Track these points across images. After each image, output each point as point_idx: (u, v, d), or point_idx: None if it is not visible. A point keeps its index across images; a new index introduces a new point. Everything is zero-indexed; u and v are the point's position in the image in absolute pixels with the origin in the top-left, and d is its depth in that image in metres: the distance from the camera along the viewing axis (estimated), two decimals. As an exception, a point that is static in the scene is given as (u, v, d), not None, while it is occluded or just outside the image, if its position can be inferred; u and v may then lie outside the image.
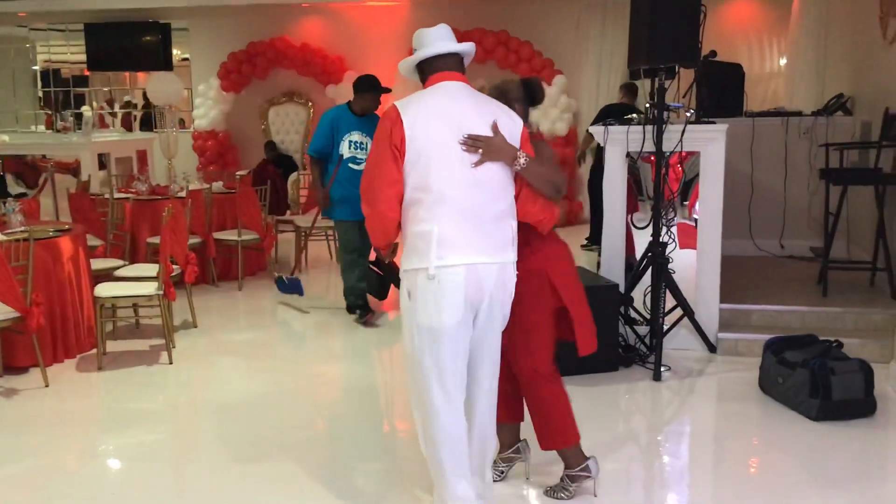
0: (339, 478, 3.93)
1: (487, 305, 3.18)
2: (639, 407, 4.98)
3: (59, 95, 15.86)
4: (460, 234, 3.08)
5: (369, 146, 6.00)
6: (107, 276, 6.20)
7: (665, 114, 5.44)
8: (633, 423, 4.77)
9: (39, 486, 3.92)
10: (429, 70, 3.29)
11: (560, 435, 3.57)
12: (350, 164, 6.29)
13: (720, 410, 4.98)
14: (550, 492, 3.66)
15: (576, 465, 3.61)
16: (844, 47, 8.15)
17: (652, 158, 5.55)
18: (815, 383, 4.47)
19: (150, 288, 5.61)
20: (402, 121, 3.07)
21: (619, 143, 5.65)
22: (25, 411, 4.87)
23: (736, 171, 7.36)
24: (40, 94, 15.97)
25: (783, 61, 10.68)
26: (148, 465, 4.13)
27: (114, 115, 15.37)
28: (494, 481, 3.61)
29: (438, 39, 3.28)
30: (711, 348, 5.65)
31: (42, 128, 14.74)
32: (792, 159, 7.41)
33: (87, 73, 14.29)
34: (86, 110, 16.02)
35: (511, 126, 3.25)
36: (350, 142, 6.30)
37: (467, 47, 3.35)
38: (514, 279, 3.27)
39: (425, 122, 3.09)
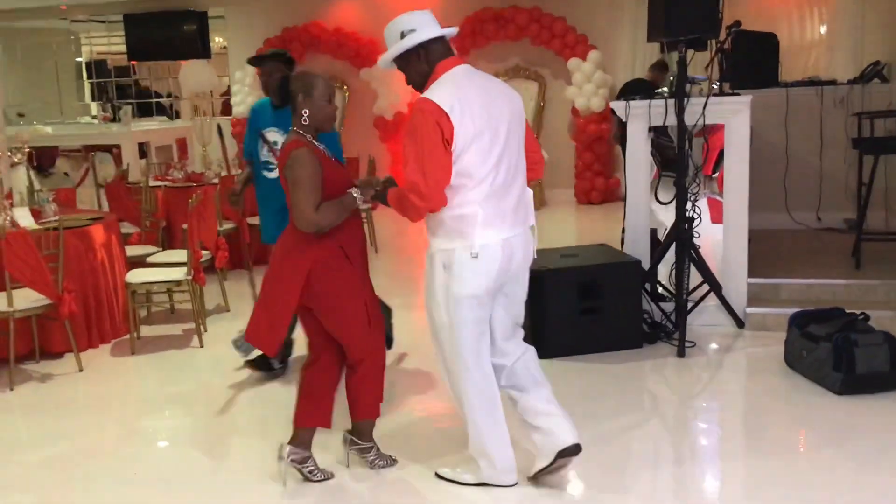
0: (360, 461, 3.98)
1: (516, 268, 3.44)
2: (662, 384, 4.94)
3: (107, 86, 16.19)
4: (497, 213, 3.29)
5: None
6: (141, 262, 6.34)
7: (688, 86, 5.36)
8: (657, 400, 4.74)
9: (74, 469, 4.04)
10: (434, 57, 3.34)
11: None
12: (263, 172, 4.86)
13: (744, 386, 4.93)
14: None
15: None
16: (883, 14, 7.93)
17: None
18: (838, 357, 4.39)
19: (179, 273, 5.72)
20: (447, 114, 3.16)
21: (642, 117, 5.59)
22: (60, 395, 5.03)
23: (770, 143, 7.23)
24: (87, 85, 16.32)
25: (823, 29, 10.42)
26: (181, 447, 4.25)
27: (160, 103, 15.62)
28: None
29: (431, 23, 3.33)
30: (739, 324, 5.58)
31: (88, 119, 15.03)
32: (827, 130, 7.25)
33: (133, 63, 14.56)
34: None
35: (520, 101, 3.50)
36: (264, 142, 4.83)
37: (455, 31, 3.48)
38: (535, 240, 3.57)
39: (469, 113, 3.21)
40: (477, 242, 3.26)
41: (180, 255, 6.24)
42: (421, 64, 3.34)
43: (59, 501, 3.79)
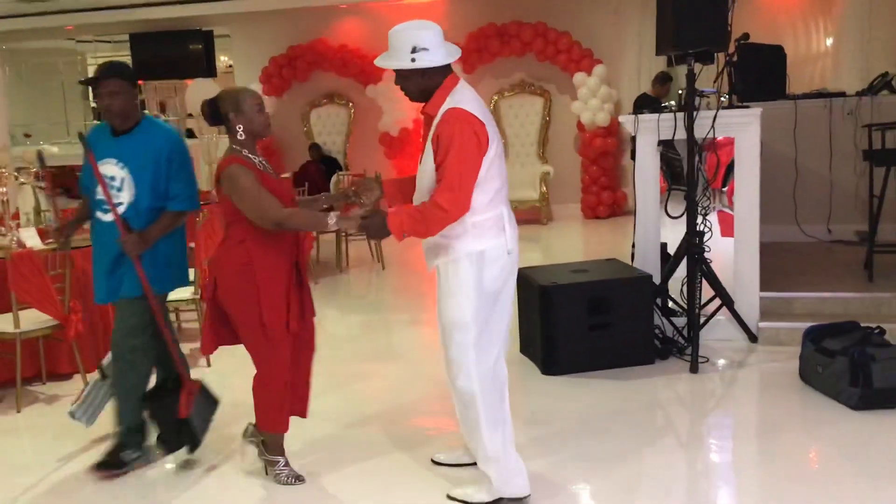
0: (371, 476, 3.94)
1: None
2: (675, 400, 4.87)
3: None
4: (511, 214, 3.51)
5: (128, 183, 3.92)
6: (147, 281, 6.29)
7: (697, 100, 5.33)
8: (670, 417, 4.67)
9: (78, 494, 3.99)
10: (436, 76, 3.41)
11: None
12: (97, 212, 4.02)
13: (759, 401, 4.87)
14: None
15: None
16: (890, 25, 7.90)
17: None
18: (854, 371, 4.33)
19: (186, 292, 5.68)
20: (482, 123, 3.31)
21: (651, 131, 5.55)
22: (67, 418, 4.96)
23: (778, 156, 7.19)
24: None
25: (829, 42, 10.40)
26: (186, 469, 4.19)
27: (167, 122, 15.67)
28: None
29: (442, 45, 3.38)
30: (752, 338, 5.53)
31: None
32: (836, 141, 7.21)
33: (140, 82, 14.57)
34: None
35: None
36: (98, 177, 3.93)
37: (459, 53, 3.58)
38: None
39: (490, 122, 3.39)
40: (510, 239, 3.43)
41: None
42: (423, 81, 3.39)
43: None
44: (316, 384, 5.23)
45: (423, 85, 3.39)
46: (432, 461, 3.99)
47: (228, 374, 5.52)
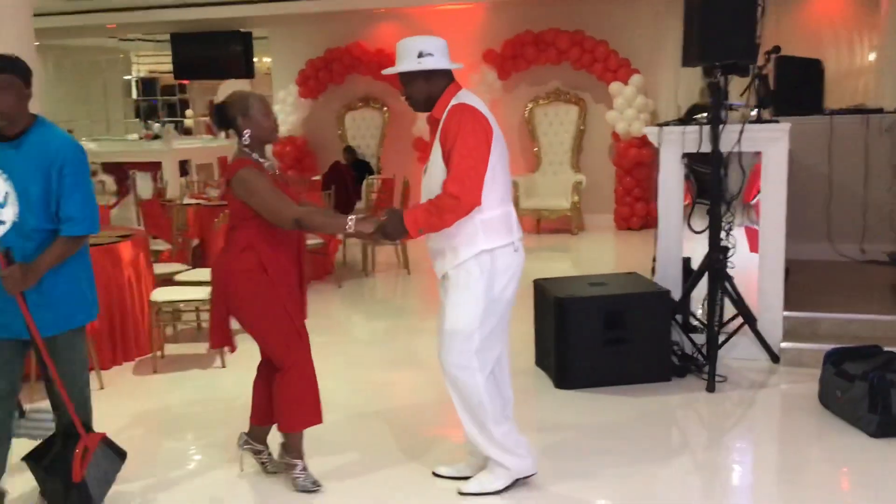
0: (379, 483, 3.90)
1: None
2: (690, 420, 4.76)
3: (156, 104, 16.46)
4: (514, 215, 3.58)
5: (12, 199, 3.32)
6: (169, 280, 6.34)
7: (724, 113, 5.22)
8: (685, 436, 4.57)
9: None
10: (439, 83, 3.53)
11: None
12: None
13: (776, 424, 4.74)
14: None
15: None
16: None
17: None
18: (873, 397, 4.19)
19: (203, 293, 5.70)
20: (488, 119, 3.43)
21: (675, 143, 5.45)
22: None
23: (812, 171, 7.04)
24: (136, 103, 16.62)
25: (872, 56, 10.16)
26: (194, 469, 4.20)
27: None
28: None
29: (446, 54, 3.54)
30: (774, 358, 5.39)
31: (135, 136, 15.29)
32: (872, 159, 7.03)
33: (185, 82, 14.77)
34: (189, 114, 16.61)
35: None
36: None
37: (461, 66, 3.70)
38: None
39: (494, 123, 3.49)
40: (516, 237, 3.51)
41: (207, 273, 6.21)
42: (427, 86, 3.51)
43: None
44: (336, 387, 5.23)
45: (428, 91, 3.51)
46: (433, 474, 3.94)
47: (244, 373, 5.54)
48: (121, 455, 3.68)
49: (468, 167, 3.33)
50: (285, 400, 3.75)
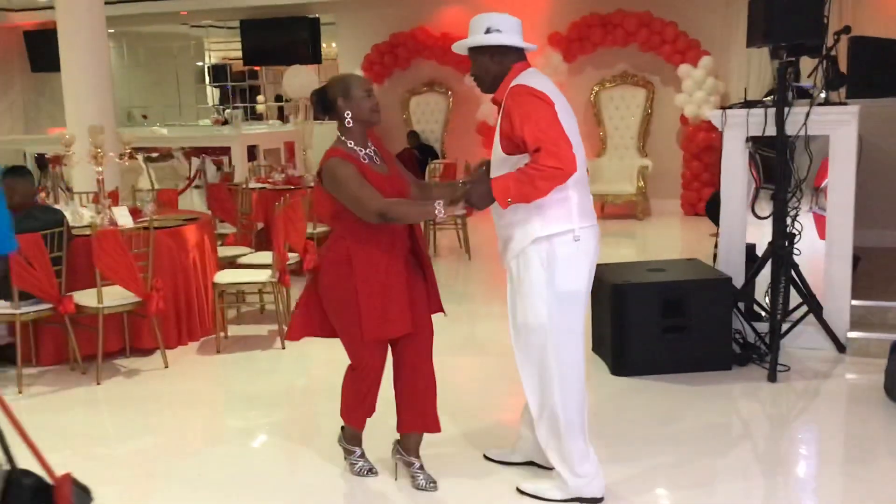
0: (447, 463, 3.86)
1: (596, 262, 3.45)
2: (748, 409, 4.67)
3: (229, 90, 16.74)
4: (586, 199, 3.37)
5: None
6: (232, 263, 6.46)
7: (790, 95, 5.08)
8: (746, 426, 4.48)
9: (154, 465, 4.11)
10: (508, 63, 3.37)
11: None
12: None
13: (838, 415, 4.61)
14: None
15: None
16: None
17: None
18: (941, 390, 4.05)
19: (265, 275, 5.79)
20: (551, 98, 3.23)
21: (739, 126, 5.32)
22: (143, 391, 5.15)
23: (885, 155, 6.80)
24: (209, 89, 16.91)
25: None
26: (256, 447, 4.28)
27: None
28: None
29: (517, 32, 3.39)
30: (840, 348, 5.24)
31: (207, 122, 15.57)
32: (953, 142, 6.76)
33: (257, 68, 14.94)
34: (260, 100, 16.86)
35: None
36: None
37: (534, 48, 3.54)
38: None
39: (560, 102, 3.29)
40: (577, 226, 3.28)
41: (270, 256, 6.31)
42: (493, 64, 3.37)
43: (140, 495, 3.87)
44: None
45: (494, 70, 3.37)
46: (484, 457, 3.94)
47: (304, 355, 5.63)
48: (87, 492, 2.96)
49: (554, 137, 3.12)
50: (344, 392, 3.73)
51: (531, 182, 3.13)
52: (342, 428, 3.85)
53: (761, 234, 5.70)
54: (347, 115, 3.45)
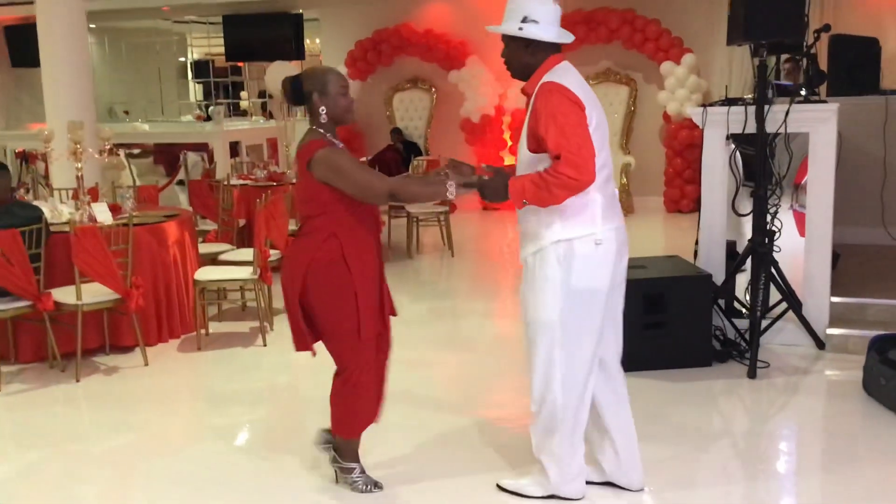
0: (428, 461, 3.92)
1: (623, 264, 3.41)
2: (729, 406, 4.69)
3: (212, 86, 16.65)
4: (611, 199, 3.30)
5: None
6: (213, 260, 6.43)
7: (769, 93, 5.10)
8: (725, 422, 4.50)
9: (134, 463, 4.09)
10: (542, 54, 3.28)
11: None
12: None
13: (817, 412, 4.63)
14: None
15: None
16: None
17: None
18: (918, 386, 4.08)
19: (246, 272, 5.77)
20: (580, 98, 3.15)
21: (720, 124, 5.34)
22: (123, 389, 5.13)
23: (866, 153, 6.83)
24: (192, 85, 16.82)
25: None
26: (237, 444, 4.27)
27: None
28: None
29: (555, 22, 3.27)
30: (819, 344, 5.28)
31: (189, 118, 15.49)
32: (930, 141, 6.79)
33: (241, 64, 14.87)
34: (244, 96, 16.78)
35: None
36: None
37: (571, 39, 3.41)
38: None
39: (590, 101, 3.22)
40: (600, 229, 3.23)
41: (251, 253, 6.29)
42: (526, 55, 3.27)
43: (119, 494, 3.85)
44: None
45: (526, 60, 3.28)
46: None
47: (286, 352, 5.61)
48: None
49: (576, 146, 3.06)
50: (338, 404, 3.57)
51: (548, 188, 3.11)
52: (333, 448, 3.68)
53: (740, 232, 5.74)
54: (322, 110, 3.40)
